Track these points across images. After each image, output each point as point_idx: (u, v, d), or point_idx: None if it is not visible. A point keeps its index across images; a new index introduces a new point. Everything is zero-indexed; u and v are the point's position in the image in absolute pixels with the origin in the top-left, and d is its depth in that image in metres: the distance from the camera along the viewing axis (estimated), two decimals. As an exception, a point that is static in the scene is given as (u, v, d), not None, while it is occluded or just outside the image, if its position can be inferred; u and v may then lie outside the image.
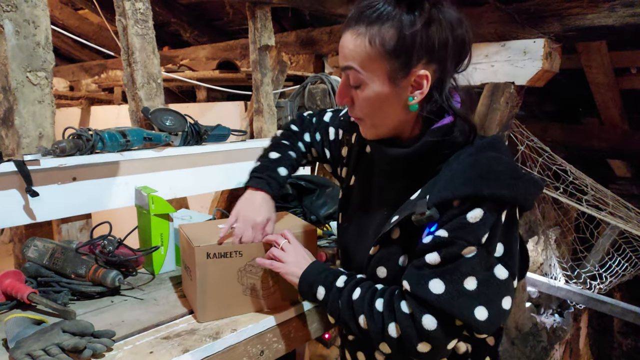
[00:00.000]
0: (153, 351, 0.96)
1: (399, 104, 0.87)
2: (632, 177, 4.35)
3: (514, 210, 0.84)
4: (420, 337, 0.82)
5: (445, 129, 0.87)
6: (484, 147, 0.86)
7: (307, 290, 0.99)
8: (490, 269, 0.81)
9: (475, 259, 0.80)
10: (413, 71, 0.84)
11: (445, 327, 0.81)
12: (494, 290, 0.81)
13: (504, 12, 2.38)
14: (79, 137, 1.42)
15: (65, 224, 1.50)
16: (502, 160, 0.84)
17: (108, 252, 1.24)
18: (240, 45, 3.75)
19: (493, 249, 0.81)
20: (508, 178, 0.81)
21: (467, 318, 0.79)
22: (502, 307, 0.81)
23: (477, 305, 0.79)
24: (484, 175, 0.81)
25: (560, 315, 4.98)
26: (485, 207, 0.79)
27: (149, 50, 1.70)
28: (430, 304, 0.80)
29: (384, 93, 0.86)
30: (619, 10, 2.15)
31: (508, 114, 2.51)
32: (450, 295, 0.79)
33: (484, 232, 0.79)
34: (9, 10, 1.35)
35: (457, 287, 0.79)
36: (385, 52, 0.82)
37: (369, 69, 0.85)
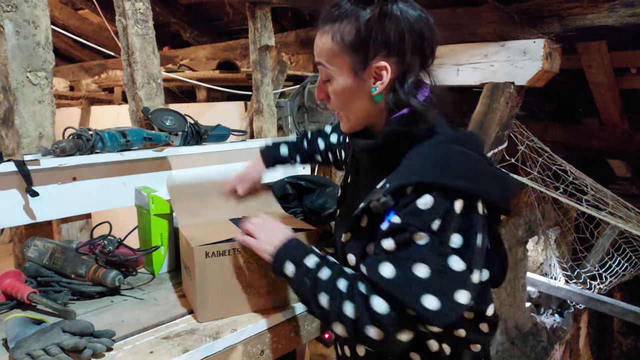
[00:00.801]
0: (153, 351, 0.96)
1: (364, 95, 0.92)
2: (632, 177, 4.35)
3: (475, 204, 0.83)
4: (370, 319, 0.81)
5: (403, 119, 0.90)
6: (448, 141, 0.88)
7: (278, 267, 0.98)
8: (445, 259, 0.80)
9: (427, 247, 0.79)
10: (372, 63, 0.88)
11: (396, 313, 0.80)
12: (448, 281, 0.79)
13: (503, 12, 2.37)
14: (79, 137, 1.42)
15: (65, 224, 1.50)
16: (465, 153, 0.86)
17: (108, 252, 1.24)
18: (240, 45, 3.75)
19: (447, 238, 0.80)
20: (466, 170, 0.83)
21: (415, 305, 0.78)
22: (456, 299, 0.79)
23: (426, 293, 0.78)
24: (440, 166, 0.83)
25: (560, 315, 4.98)
26: (435, 194, 0.80)
27: (149, 50, 1.70)
28: (380, 287, 0.81)
29: (349, 85, 0.92)
30: (619, 10, 2.14)
31: (508, 114, 2.50)
32: (399, 280, 0.80)
33: (433, 219, 0.79)
34: (9, 11, 1.35)
35: (407, 273, 0.79)
36: (346, 46, 0.89)
37: (334, 63, 0.92)
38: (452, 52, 2.60)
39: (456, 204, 0.80)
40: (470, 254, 0.81)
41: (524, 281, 4.55)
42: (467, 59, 2.56)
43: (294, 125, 2.59)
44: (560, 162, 2.80)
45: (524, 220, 4.35)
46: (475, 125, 2.55)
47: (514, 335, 4.40)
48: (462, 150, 0.86)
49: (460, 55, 2.58)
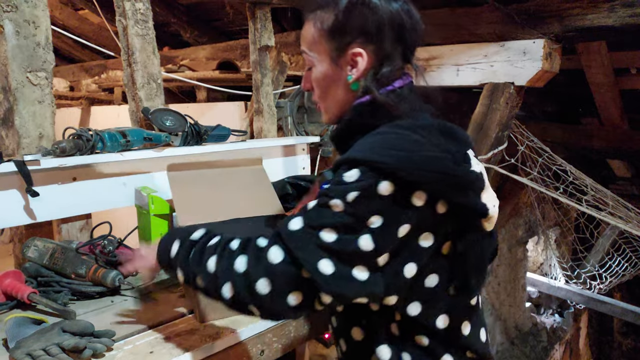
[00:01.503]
0: (153, 351, 0.96)
1: (342, 83, 0.92)
2: (632, 177, 4.35)
3: (409, 192, 0.77)
4: (263, 269, 0.78)
5: (362, 107, 0.89)
6: (402, 126, 0.84)
7: (164, 256, 0.92)
8: (355, 235, 0.76)
9: (339, 215, 0.76)
10: (348, 50, 0.89)
11: (290, 267, 0.77)
12: (350, 255, 0.76)
13: (503, 12, 2.37)
14: (79, 137, 1.42)
15: (65, 224, 1.50)
16: (406, 136, 0.81)
17: (108, 252, 1.25)
18: (240, 46, 3.75)
19: (363, 215, 0.76)
20: (400, 150, 0.78)
21: (310, 265, 0.75)
22: (354, 275, 0.76)
23: (325, 258, 0.76)
24: (376, 145, 0.80)
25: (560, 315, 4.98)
26: (362, 168, 0.77)
27: (149, 51, 1.70)
28: (282, 237, 0.79)
29: (327, 73, 0.93)
30: (619, 11, 2.14)
31: (508, 114, 2.50)
32: (303, 236, 0.78)
33: (350, 190, 0.76)
34: (9, 11, 1.35)
35: (312, 231, 0.77)
36: (325, 32, 0.91)
37: (314, 50, 0.93)
38: (452, 52, 2.60)
39: (382, 184, 0.76)
40: (387, 240, 0.77)
41: (524, 281, 4.56)
42: (467, 59, 2.56)
43: (294, 125, 2.59)
44: (560, 162, 2.80)
45: (524, 221, 4.36)
46: (475, 126, 2.55)
47: (514, 335, 4.40)
48: (405, 133, 0.81)
49: (460, 56, 2.58)
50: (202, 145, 1.71)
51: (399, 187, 0.76)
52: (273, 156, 2.08)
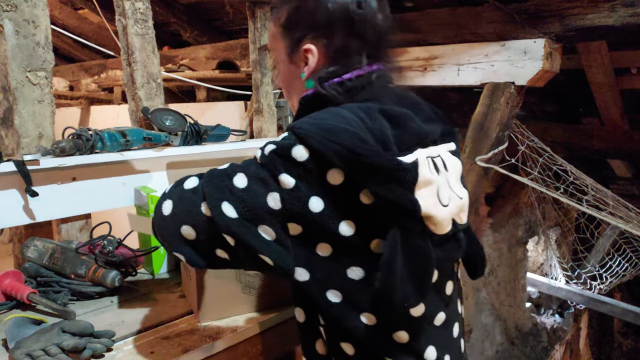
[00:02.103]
0: (153, 351, 0.96)
1: (298, 80, 0.90)
2: (632, 177, 4.35)
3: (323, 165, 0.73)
4: (175, 193, 0.82)
5: (305, 99, 0.87)
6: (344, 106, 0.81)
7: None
8: (265, 188, 0.75)
9: (255, 165, 0.77)
10: (300, 46, 0.87)
11: (194, 197, 0.79)
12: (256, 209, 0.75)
13: (503, 11, 2.37)
14: (79, 137, 1.42)
15: (65, 224, 1.50)
16: (333, 112, 0.78)
17: (108, 252, 1.24)
18: (240, 45, 3.75)
19: (274, 169, 0.75)
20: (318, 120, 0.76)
21: (213, 202, 0.77)
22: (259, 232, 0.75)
23: (229, 202, 0.76)
24: (309, 117, 0.79)
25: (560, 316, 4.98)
26: (288, 133, 0.77)
27: (149, 50, 1.70)
28: (204, 175, 0.82)
29: (285, 70, 0.92)
30: (619, 10, 2.14)
31: (508, 114, 2.50)
32: (219, 174, 0.80)
33: (270, 145, 0.77)
34: (8, 10, 1.35)
35: (229, 174, 0.79)
36: (281, 29, 0.90)
37: (274, 47, 0.94)
38: (453, 52, 2.60)
39: (297, 147, 0.74)
40: (295, 206, 0.74)
41: (524, 281, 4.56)
42: (468, 58, 2.56)
43: (294, 125, 2.59)
44: (561, 162, 2.80)
45: (524, 221, 4.36)
46: (476, 126, 2.55)
47: (514, 336, 4.40)
48: (340, 111, 0.78)
49: (461, 55, 2.58)
50: (201, 145, 1.70)
51: (313, 156, 0.73)
52: (273, 156, 2.07)
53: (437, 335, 0.84)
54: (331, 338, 0.83)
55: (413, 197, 0.74)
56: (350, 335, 0.80)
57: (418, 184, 0.75)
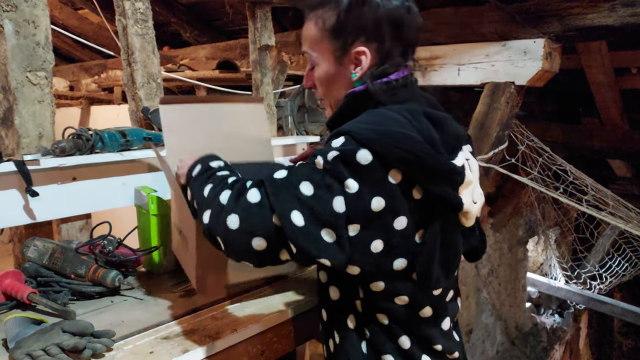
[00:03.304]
0: (153, 351, 0.96)
1: (346, 81, 0.93)
2: (632, 177, 4.35)
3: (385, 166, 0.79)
4: (239, 206, 0.82)
5: (352, 95, 0.91)
6: (383, 107, 0.88)
7: (189, 172, 0.97)
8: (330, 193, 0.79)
9: (319, 172, 0.80)
10: (351, 49, 0.90)
11: (262, 211, 0.80)
12: (322, 213, 0.79)
13: (504, 11, 2.37)
14: (79, 137, 1.42)
15: (65, 224, 1.50)
16: (386, 114, 0.84)
17: (108, 252, 1.24)
18: (240, 45, 3.75)
19: (340, 175, 0.79)
20: (376, 124, 0.82)
21: (282, 212, 0.79)
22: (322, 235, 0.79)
23: (298, 210, 0.79)
24: (359, 121, 0.85)
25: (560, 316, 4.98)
26: (346, 137, 0.81)
27: (149, 50, 1.70)
28: (264, 183, 0.83)
29: (331, 72, 0.94)
30: (619, 10, 2.14)
31: (508, 114, 2.50)
32: (283, 184, 0.81)
33: (332, 150, 0.80)
34: (9, 10, 1.35)
35: (293, 182, 0.81)
36: (327, 32, 0.91)
37: (317, 49, 0.94)
38: (454, 51, 2.60)
39: (361, 152, 0.79)
40: (359, 207, 0.79)
41: (524, 281, 4.56)
42: (469, 58, 2.57)
43: (294, 125, 2.59)
44: (561, 162, 2.80)
45: (524, 221, 4.36)
46: (476, 125, 2.55)
47: (514, 336, 4.40)
48: (392, 114, 0.84)
49: (462, 55, 2.59)
50: (202, 145, 1.70)
51: (376, 159, 0.79)
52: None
53: (449, 308, 0.98)
54: (367, 310, 0.92)
55: (459, 196, 0.85)
56: (385, 309, 0.90)
57: (463, 184, 0.85)
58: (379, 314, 0.91)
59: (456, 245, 0.89)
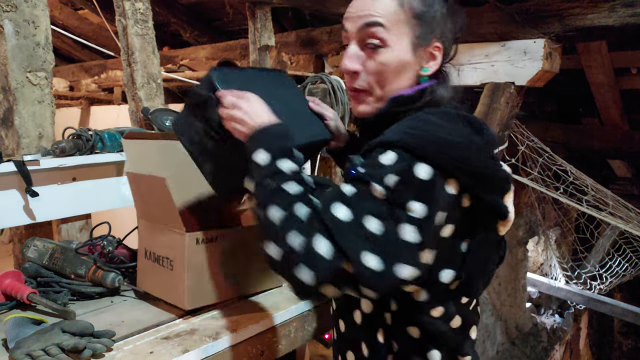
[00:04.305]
0: (153, 351, 0.96)
1: (413, 74, 0.87)
2: (632, 177, 4.35)
3: (444, 177, 0.75)
4: (310, 259, 0.72)
5: (400, 98, 0.86)
6: (431, 112, 0.83)
7: (250, 147, 0.83)
8: (399, 224, 0.72)
9: (381, 203, 0.73)
10: (432, 42, 0.86)
11: (334, 261, 0.72)
12: (395, 248, 0.72)
13: (504, 12, 2.37)
14: (79, 137, 1.42)
15: (65, 224, 1.50)
16: (440, 123, 0.79)
17: (107, 253, 1.24)
18: (240, 45, 3.75)
19: (404, 201, 0.73)
20: (439, 137, 0.76)
21: (355, 257, 0.71)
22: (397, 270, 0.72)
23: (370, 251, 0.71)
24: (411, 127, 0.78)
25: (560, 316, 4.98)
26: (398, 151, 0.74)
27: (149, 50, 1.70)
28: (330, 227, 0.73)
29: (405, 60, 0.85)
30: (619, 10, 2.14)
31: (508, 114, 2.50)
32: (349, 226, 0.72)
33: (389, 173, 0.73)
34: (9, 11, 1.35)
35: (358, 220, 0.72)
36: (413, 17, 0.84)
37: (395, 31, 0.84)
38: (452, 52, 2.60)
39: (420, 167, 0.73)
40: (429, 230, 0.74)
41: (524, 281, 4.55)
42: (469, 59, 2.57)
43: (294, 125, 2.59)
44: (561, 162, 2.80)
45: (524, 221, 4.35)
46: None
47: (514, 336, 4.40)
48: (436, 120, 0.80)
49: (462, 55, 2.58)
50: (202, 145, 1.71)
51: (435, 173, 0.74)
52: (273, 156, 2.08)
53: (476, 316, 0.94)
54: (398, 323, 0.87)
55: (505, 204, 0.82)
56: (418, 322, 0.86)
57: (509, 192, 0.83)
58: (410, 327, 0.87)
59: (492, 254, 0.87)
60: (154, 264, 1.18)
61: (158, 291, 1.17)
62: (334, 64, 3.54)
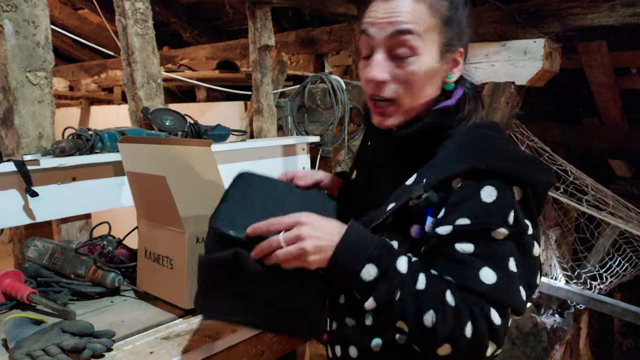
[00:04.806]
0: (153, 351, 0.96)
1: (438, 81, 0.84)
2: (632, 177, 4.34)
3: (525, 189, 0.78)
4: (491, 335, 0.72)
5: (446, 110, 0.83)
6: (480, 125, 0.84)
7: (346, 266, 0.73)
8: (528, 249, 0.78)
9: (510, 242, 0.75)
10: (458, 47, 0.85)
11: (505, 320, 0.73)
12: (531, 268, 0.78)
13: (504, 11, 2.37)
14: (79, 137, 1.42)
15: (65, 224, 1.50)
16: (500, 137, 0.83)
17: (107, 253, 1.24)
18: (240, 45, 3.75)
19: (523, 229, 0.76)
20: (505, 152, 0.79)
21: (516, 301, 0.74)
22: (536, 282, 0.80)
23: (522, 285, 0.76)
24: (480, 149, 0.78)
25: (560, 316, 4.98)
26: (493, 183, 0.74)
27: (149, 50, 1.70)
28: (490, 295, 0.72)
29: (433, 68, 0.81)
30: (619, 10, 2.14)
31: (508, 114, 2.50)
32: (503, 281, 0.73)
33: (506, 212, 0.74)
34: (9, 10, 1.35)
35: (507, 272, 0.74)
36: (442, 22, 0.81)
37: (427, 38, 0.80)
38: (452, 52, 2.60)
39: (515, 191, 0.77)
40: (539, 233, 0.81)
41: (524, 281, 4.55)
42: (468, 58, 2.56)
43: (294, 125, 2.59)
44: (561, 162, 2.80)
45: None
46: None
47: (514, 336, 4.40)
48: (494, 134, 0.83)
49: (461, 55, 2.58)
50: (202, 145, 1.71)
51: (525, 188, 0.78)
52: (273, 156, 2.08)
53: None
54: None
55: None
56: None
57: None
58: None
59: (538, 267, 0.84)
60: (154, 263, 1.18)
61: (158, 291, 1.17)
62: (334, 64, 3.53)
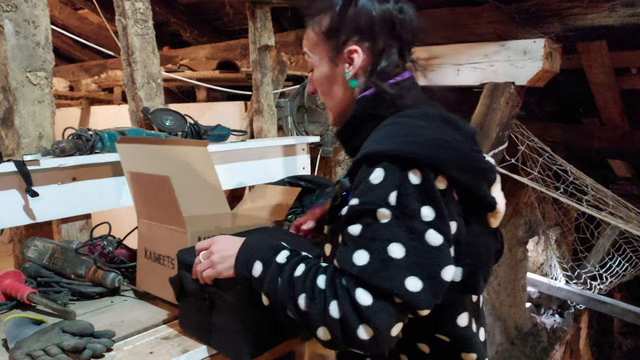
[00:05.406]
0: (153, 351, 0.96)
1: (340, 81, 0.96)
2: (632, 177, 4.34)
3: (431, 176, 0.76)
4: (359, 316, 0.72)
5: (366, 100, 0.91)
6: (409, 115, 0.86)
7: (242, 270, 0.86)
8: (419, 235, 0.73)
9: (393, 224, 0.74)
10: (343, 48, 0.93)
11: (381, 303, 0.72)
12: (427, 258, 0.73)
13: (503, 11, 2.37)
14: (79, 137, 1.42)
15: (65, 224, 1.50)
16: (415, 123, 0.83)
17: (107, 253, 1.24)
18: (240, 45, 3.75)
19: (413, 211, 0.74)
20: (418, 137, 0.79)
21: (399, 290, 0.71)
22: (441, 277, 0.74)
23: (408, 275, 0.72)
24: (389, 136, 0.81)
25: (560, 316, 4.98)
26: (384, 164, 0.76)
27: (149, 50, 1.70)
28: (359, 277, 0.73)
29: (326, 72, 0.97)
30: (619, 10, 2.14)
31: (508, 114, 2.50)
32: (376, 265, 0.73)
33: (388, 192, 0.74)
34: (9, 10, 1.35)
35: (382, 256, 0.73)
36: (323, 34, 0.95)
37: (315, 52, 0.98)
38: (452, 51, 2.60)
39: (411, 175, 0.75)
40: (446, 226, 0.76)
41: (524, 281, 4.55)
42: (468, 59, 2.56)
43: (294, 125, 2.59)
44: (561, 162, 2.80)
45: (524, 221, 4.35)
46: (476, 126, 2.54)
47: (514, 336, 4.40)
48: (414, 122, 0.83)
49: (460, 55, 2.58)
50: (202, 145, 1.70)
51: (424, 171, 0.76)
52: (273, 156, 2.08)
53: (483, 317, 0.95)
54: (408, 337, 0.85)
55: (492, 195, 0.86)
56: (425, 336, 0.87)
57: (495, 184, 0.87)
58: (420, 344, 0.88)
59: (489, 247, 0.88)
60: (154, 263, 1.18)
61: (158, 290, 1.17)
62: (334, 64, 3.53)
